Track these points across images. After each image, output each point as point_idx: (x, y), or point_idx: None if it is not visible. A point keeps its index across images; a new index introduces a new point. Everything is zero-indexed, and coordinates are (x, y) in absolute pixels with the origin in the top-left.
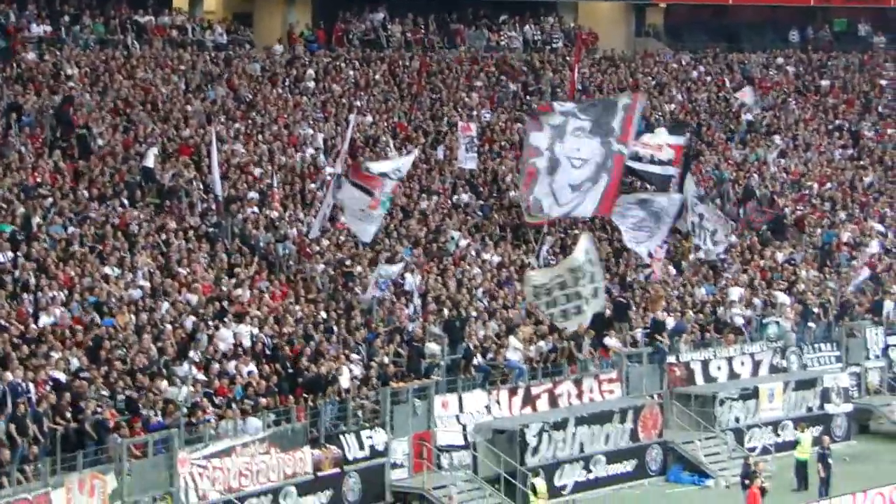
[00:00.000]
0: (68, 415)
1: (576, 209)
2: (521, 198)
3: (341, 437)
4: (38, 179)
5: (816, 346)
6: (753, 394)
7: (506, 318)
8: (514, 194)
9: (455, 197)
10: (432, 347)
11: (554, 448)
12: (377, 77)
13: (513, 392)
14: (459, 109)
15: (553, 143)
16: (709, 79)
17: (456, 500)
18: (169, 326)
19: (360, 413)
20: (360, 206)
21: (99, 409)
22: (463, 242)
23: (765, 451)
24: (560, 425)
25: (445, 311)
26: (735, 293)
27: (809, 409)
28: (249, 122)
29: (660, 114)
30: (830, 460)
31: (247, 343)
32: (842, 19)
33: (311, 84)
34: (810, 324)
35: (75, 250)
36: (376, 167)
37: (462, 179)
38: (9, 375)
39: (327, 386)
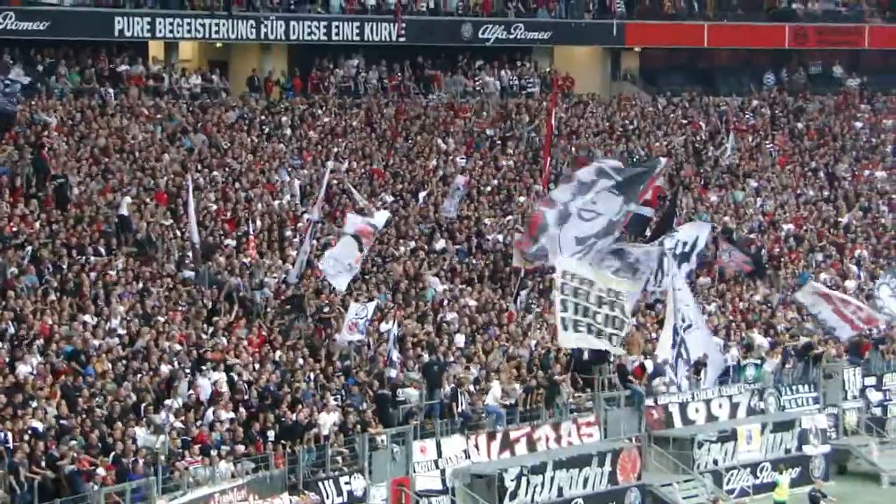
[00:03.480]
0: (44, 463)
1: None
2: (522, 241)
3: (320, 483)
4: (15, 229)
5: (794, 387)
6: (732, 436)
7: (484, 363)
8: (492, 238)
9: (433, 243)
10: (410, 393)
11: (532, 492)
12: (353, 124)
13: (491, 437)
14: (437, 156)
15: (574, 198)
16: (685, 122)
17: None
18: (147, 374)
19: (339, 459)
20: (349, 259)
21: (75, 458)
22: (440, 288)
23: (743, 493)
24: (538, 469)
25: (425, 357)
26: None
27: (787, 451)
28: (226, 169)
29: (636, 157)
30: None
31: (225, 390)
32: (817, 62)
33: (288, 131)
34: (787, 365)
35: (52, 299)
36: (374, 220)
37: (439, 225)
38: None
39: (304, 432)
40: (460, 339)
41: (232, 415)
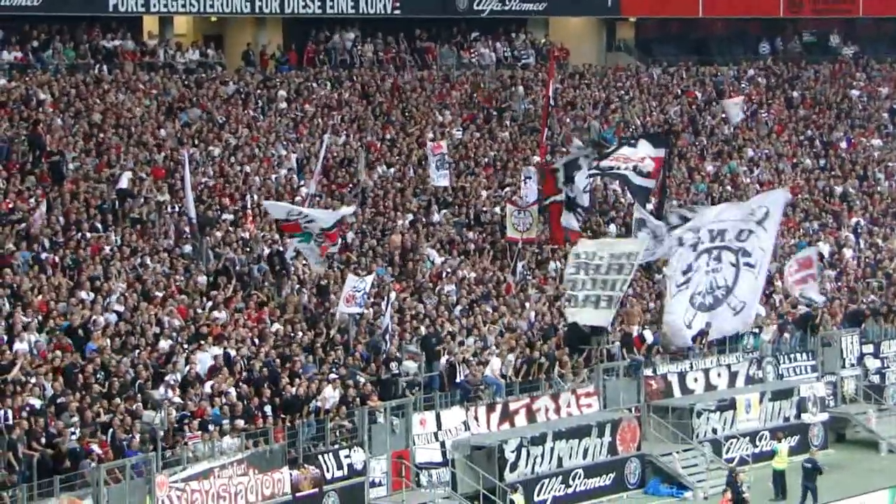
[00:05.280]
0: (43, 440)
1: None
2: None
3: (320, 457)
4: (11, 205)
5: (792, 356)
6: (730, 405)
7: (483, 335)
8: (489, 210)
9: (430, 215)
10: (409, 365)
11: (532, 463)
12: (348, 96)
13: (490, 408)
14: (433, 128)
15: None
16: (680, 92)
17: None
18: (145, 350)
19: (338, 433)
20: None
21: (73, 436)
22: (438, 260)
23: (742, 461)
24: (538, 440)
25: (422, 329)
26: None
27: (786, 419)
28: (222, 143)
29: (633, 127)
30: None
31: (224, 365)
32: (811, 30)
33: (284, 105)
34: (785, 334)
35: (49, 275)
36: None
37: (436, 197)
38: None
39: (304, 406)
40: (458, 312)
41: (231, 389)
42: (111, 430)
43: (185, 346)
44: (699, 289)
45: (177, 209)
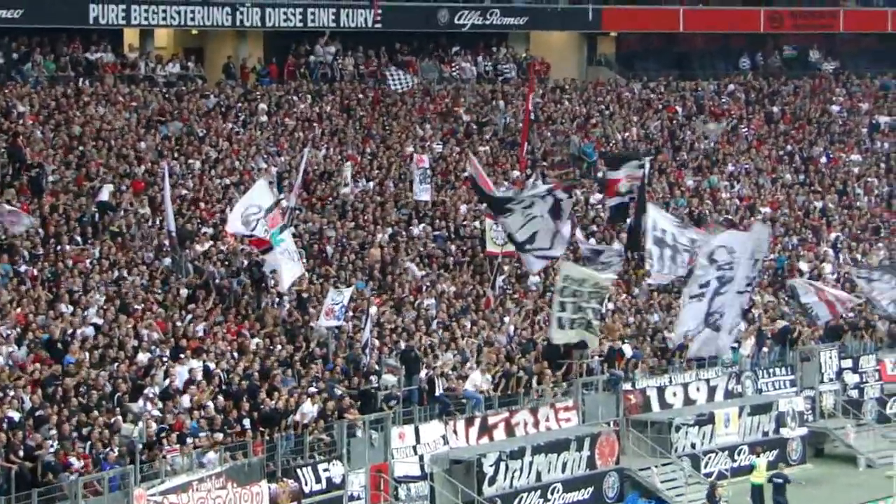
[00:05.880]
0: (21, 453)
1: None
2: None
3: (298, 470)
4: None
5: (771, 370)
6: (709, 419)
7: (462, 349)
8: (469, 224)
9: (409, 228)
10: (388, 379)
11: (511, 477)
12: (329, 110)
13: (469, 422)
14: (413, 142)
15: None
16: (660, 106)
17: None
18: (123, 364)
19: (316, 446)
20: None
21: (52, 448)
22: (418, 274)
23: (721, 476)
24: (517, 454)
25: (402, 343)
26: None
27: (765, 434)
28: (203, 156)
29: (614, 142)
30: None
31: (202, 378)
32: (792, 46)
33: (264, 118)
34: (764, 348)
35: (28, 288)
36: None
37: (417, 211)
38: None
39: (283, 419)
40: (437, 326)
41: (210, 402)
42: (89, 442)
43: (164, 359)
44: (713, 308)
45: (157, 222)
